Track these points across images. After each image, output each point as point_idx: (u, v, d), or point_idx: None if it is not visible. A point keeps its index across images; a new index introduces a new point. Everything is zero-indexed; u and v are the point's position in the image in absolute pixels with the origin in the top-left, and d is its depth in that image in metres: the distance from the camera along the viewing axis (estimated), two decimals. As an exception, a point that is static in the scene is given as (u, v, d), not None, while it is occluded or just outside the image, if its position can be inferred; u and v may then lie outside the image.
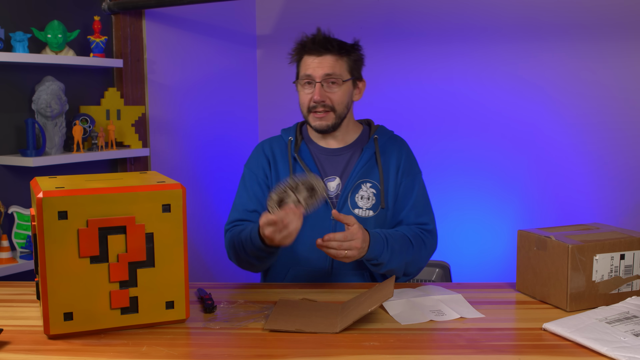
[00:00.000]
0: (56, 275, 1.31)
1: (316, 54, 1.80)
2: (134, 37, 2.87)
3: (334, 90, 1.81)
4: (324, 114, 1.81)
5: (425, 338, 1.34)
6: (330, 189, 1.85)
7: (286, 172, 1.86)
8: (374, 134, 1.90)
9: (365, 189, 1.83)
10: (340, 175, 1.86)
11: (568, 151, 3.05)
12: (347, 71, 1.83)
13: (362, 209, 1.82)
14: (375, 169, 1.85)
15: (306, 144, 1.91)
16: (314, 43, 1.80)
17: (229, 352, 1.27)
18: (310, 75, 1.80)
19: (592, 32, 2.94)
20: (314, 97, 1.79)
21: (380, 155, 1.87)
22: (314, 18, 3.44)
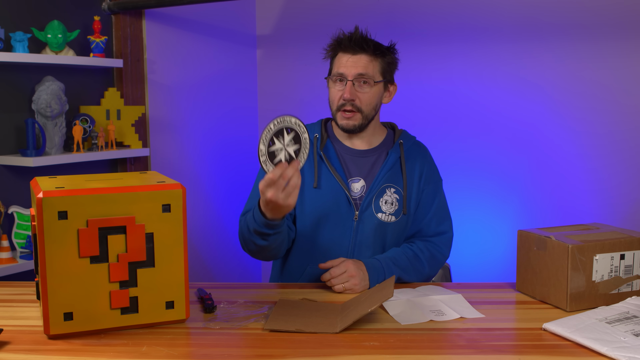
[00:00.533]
0: (56, 275, 1.31)
1: (351, 52, 1.80)
2: (134, 37, 2.87)
3: (365, 90, 1.80)
4: (351, 114, 1.81)
5: (425, 338, 1.34)
6: (354, 190, 1.84)
7: (311, 169, 1.86)
8: (399, 139, 1.90)
9: (390, 194, 1.83)
10: (365, 177, 1.85)
11: (568, 151, 3.05)
12: (380, 73, 1.82)
13: (385, 213, 1.82)
14: (400, 175, 1.85)
15: (332, 142, 1.90)
16: (350, 41, 1.80)
17: (229, 352, 1.27)
18: (343, 74, 1.80)
19: (592, 32, 2.94)
20: (344, 94, 1.79)
21: (405, 161, 1.87)
22: (314, 18, 3.45)
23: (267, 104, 3.66)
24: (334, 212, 1.82)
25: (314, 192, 1.83)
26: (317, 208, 1.83)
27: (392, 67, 1.87)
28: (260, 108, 3.68)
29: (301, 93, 3.54)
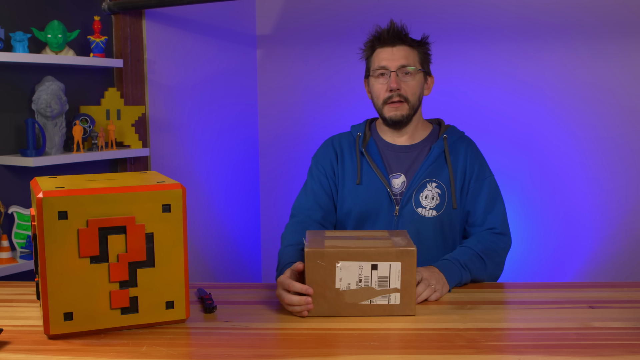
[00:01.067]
0: (56, 275, 1.31)
1: (390, 44, 1.83)
2: (134, 37, 2.87)
3: (408, 80, 1.83)
4: (398, 104, 1.83)
5: (425, 338, 1.34)
6: (394, 185, 1.85)
7: (353, 166, 1.88)
8: (444, 134, 1.90)
9: (431, 189, 1.83)
10: (406, 173, 1.86)
11: (568, 151, 3.05)
12: (419, 62, 1.86)
13: (425, 208, 1.82)
14: (444, 169, 1.85)
15: (374, 139, 1.92)
16: (388, 34, 1.82)
17: (229, 352, 1.27)
18: (385, 67, 1.82)
19: (592, 32, 2.94)
20: (391, 85, 1.81)
21: (449, 154, 1.87)
22: (314, 18, 3.45)
23: (267, 104, 3.66)
24: (375, 208, 1.84)
25: (356, 189, 1.86)
26: (358, 204, 1.85)
27: (427, 58, 1.90)
28: (260, 108, 3.68)
29: (301, 93, 3.54)
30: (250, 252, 3.71)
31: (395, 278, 1.45)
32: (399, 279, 1.45)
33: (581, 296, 1.62)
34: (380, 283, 1.46)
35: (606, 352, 1.25)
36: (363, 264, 1.45)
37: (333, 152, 1.94)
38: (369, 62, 1.89)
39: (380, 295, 1.46)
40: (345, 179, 1.89)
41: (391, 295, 1.46)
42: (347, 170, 1.90)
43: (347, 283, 1.46)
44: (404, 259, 1.44)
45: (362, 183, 1.86)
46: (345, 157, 1.92)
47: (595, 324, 1.41)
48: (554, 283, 1.76)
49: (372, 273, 1.45)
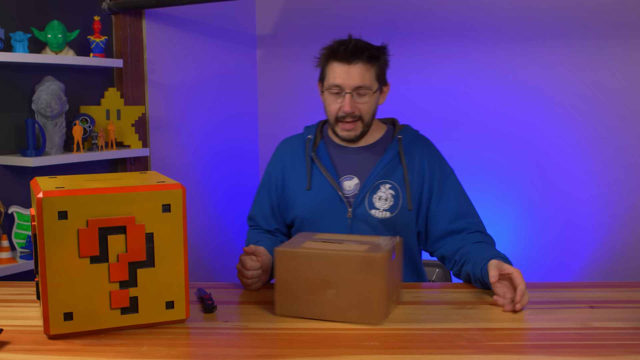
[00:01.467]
0: (56, 275, 1.31)
1: (346, 62, 1.75)
2: (134, 37, 2.87)
3: (364, 100, 1.78)
4: (352, 125, 1.80)
5: (425, 338, 1.34)
6: (346, 188, 1.83)
7: (303, 171, 1.87)
8: (398, 134, 1.89)
9: (384, 190, 1.82)
10: (359, 175, 1.84)
11: (568, 151, 3.05)
12: (376, 80, 1.79)
13: (379, 210, 1.81)
14: (398, 170, 1.83)
15: (325, 142, 1.90)
16: (345, 51, 1.75)
17: (229, 352, 1.27)
18: (340, 86, 1.76)
19: (592, 32, 2.94)
20: (344, 108, 1.76)
21: (404, 155, 1.85)
22: (314, 18, 3.45)
23: (267, 104, 3.66)
24: (326, 212, 1.82)
25: (306, 194, 1.85)
26: (309, 209, 1.84)
27: (385, 68, 1.84)
28: (260, 108, 3.68)
29: (301, 93, 3.53)
30: (250, 252, 3.70)
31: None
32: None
33: (581, 296, 1.62)
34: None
35: (606, 352, 1.25)
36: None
37: (282, 159, 1.93)
38: (324, 72, 1.81)
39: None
40: (297, 184, 1.87)
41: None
42: (298, 175, 1.88)
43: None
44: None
45: (312, 188, 1.84)
46: (296, 162, 1.90)
47: (595, 324, 1.41)
48: (554, 283, 1.76)
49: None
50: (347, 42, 1.77)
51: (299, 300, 1.44)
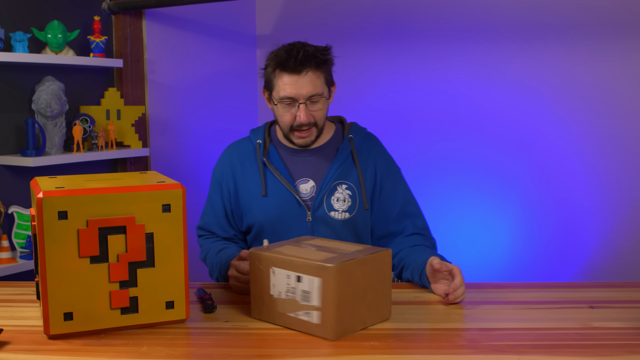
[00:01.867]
0: (56, 275, 1.31)
1: (296, 72, 1.71)
2: (134, 37, 2.87)
3: (318, 107, 1.76)
4: (308, 132, 1.78)
5: (425, 338, 1.34)
6: (303, 191, 1.81)
7: (256, 177, 1.83)
8: (349, 134, 1.86)
9: (341, 191, 1.80)
10: (314, 177, 1.82)
11: (568, 151, 3.05)
12: (325, 84, 1.77)
13: (337, 211, 1.80)
14: (352, 170, 1.82)
15: (275, 146, 1.87)
16: (295, 62, 1.70)
17: (229, 352, 1.27)
18: (293, 97, 1.73)
19: (592, 32, 2.94)
20: (301, 119, 1.73)
21: (357, 155, 1.84)
22: (314, 18, 3.45)
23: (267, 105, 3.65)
24: (285, 217, 1.79)
25: (262, 201, 1.81)
26: (267, 216, 1.81)
27: (331, 69, 1.81)
28: (260, 108, 3.68)
29: (301, 93, 3.53)
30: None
31: (316, 294, 1.32)
32: (318, 296, 1.32)
33: (581, 296, 1.62)
34: (303, 297, 1.34)
35: (606, 352, 1.25)
36: (290, 273, 1.36)
37: (231, 165, 1.88)
38: (272, 83, 1.77)
39: (303, 311, 1.35)
40: (250, 191, 1.83)
41: (312, 312, 1.33)
42: (251, 182, 1.83)
43: (279, 291, 1.38)
44: (323, 275, 1.30)
45: (267, 194, 1.81)
46: (246, 168, 1.85)
47: (595, 324, 1.41)
48: (554, 283, 1.76)
49: (297, 285, 1.35)
50: (295, 53, 1.72)
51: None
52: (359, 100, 3.37)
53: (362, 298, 1.36)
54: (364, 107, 3.36)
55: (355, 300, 1.35)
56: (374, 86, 3.35)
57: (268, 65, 1.79)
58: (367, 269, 1.37)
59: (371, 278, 1.38)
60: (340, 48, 3.45)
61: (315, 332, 1.34)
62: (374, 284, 1.39)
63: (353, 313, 1.35)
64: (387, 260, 1.42)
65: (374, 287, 1.39)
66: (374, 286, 1.39)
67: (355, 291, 1.35)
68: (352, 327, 1.36)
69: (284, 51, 1.75)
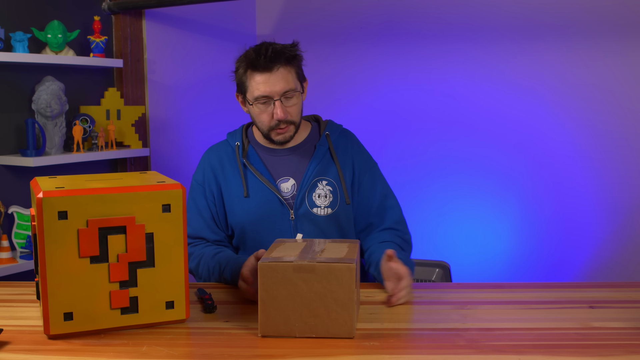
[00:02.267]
0: (56, 275, 1.31)
1: (267, 70, 1.73)
2: (134, 37, 2.87)
3: (292, 103, 1.77)
4: (285, 129, 1.79)
5: (425, 338, 1.34)
6: (284, 190, 1.82)
7: (237, 179, 1.83)
8: (325, 131, 1.88)
9: (322, 187, 1.82)
10: (294, 175, 1.83)
11: (567, 151, 3.05)
12: (297, 79, 1.78)
13: (320, 207, 1.81)
14: (331, 166, 1.84)
15: (253, 147, 1.87)
16: (265, 60, 1.72)
17: (229, 352, 1.27)
18: (267, 95, 1.74)
19: (592, 32, 2.94)
20: (278, 116, 1.74)
21: (334, 151, 1.85)
22: (314, 18, 3.45)
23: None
24: (268, 217, 1.80)
25: (244, 202, 1.81)
26: (250, 217, 1.81)
27: (301, 65, 1.82)
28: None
29: (301, 93, 3.53)
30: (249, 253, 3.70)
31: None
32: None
33: (581, 296, 1.62)
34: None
35: (606, 352, 1.25)
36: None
37: (212, 168, 1.87)
38: (244, 85, 1.79)
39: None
40: (232, 193, 1.83)
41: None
42: (232, 184, 1.83)
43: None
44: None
45: (249, 195, 1.81)
46: (226, 170, 1.85)
47: (595, 324, 1.41)
48: (554, 283, 1.76)
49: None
50: (264, 51, 1.74)
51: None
52: (359, 100, 3.37)
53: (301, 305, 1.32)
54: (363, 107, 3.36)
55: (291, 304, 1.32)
56: (373, 86, 3.35)
57: (239, 67, 1.81)
58: (312, 276, 1.32)
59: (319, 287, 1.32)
60: (340, 48, 3.47)
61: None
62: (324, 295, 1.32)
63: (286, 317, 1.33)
64: (345, 275, 1.31)
65: (323, 298, 1.32)
66: (324, 297, 1.32)
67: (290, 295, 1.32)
68: (286, 331, 1.33)
69: (252, 51, 1.78)
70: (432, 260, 2.53)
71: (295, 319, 1.33)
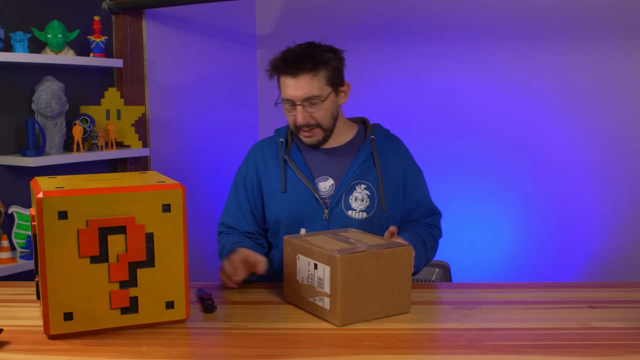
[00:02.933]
0: (56, 275, 1.31)
1: (291, 75, 1.75)
2: (134, 37, 2.87)
3: (317, 109, 1.78)
4: (311, 132, 1.81)
5: (425, 338, 1.34)
6: (322, 189, 1.83)
7: (277, 174, 1.86)
8: (371, 134, 1.89)
9: (360, 191, 1.82)
10: (334, 176, 1.84)
11: (567, 151, 3.05)
12: (326, 85, 1.78)
13: (355, 210, 1.81)
14: (372, 171, 1.84)
15: (297, 145, 1.89)
16: (288, 65, 1.75)
17: (229, 352, 1.27)
18: (291, 99, 1.77)
19: (592, 32, 2.94)
20: (297, 120, 1.78)
21: (377, 156, 1.85)
22: (314, 18, 3.45)
23: (267, 104, 3.65)
24: (303, 214, 1.82)
25: (282, 197, 1.84)
26: (286, 212, 1.83)
27: (338, 70, 1.82)
28: (260, 108, 3.68)
29: (301, 93, 3.53)
30: (250, 252, 3.70)
31: (327, 282, 1.42)
32: (329, 283, 1.41)
33: (581, 296, 1.62)
34: (318, 284, 1.44)
35: (606, 352, 1.25)
36: (310, 261, 1.46)
37: (255, 162, 1.91)
38: (278, 84, 1.83)
39: (319, 297, 1.44)
40: (272, 187, 1.86)
41: (325, 298, 1.43)
42: (272, 179, 1.87)
43: (302, 277, 1.49)
44: (332, 264, 1.39)
45: (287, 191, 1.83)
46: (269, 165, 1.89)
47: (595, 324, 1.41)
48: (554, 283, 1.76)
49: (315, 272, 1.45)
50: (290, 55, 1.77)
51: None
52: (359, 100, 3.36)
53: (374, 289, 1.43)
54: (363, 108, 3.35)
55: (366, 290, 1.42)
56: (373, 86, 3.35)
57: (271, 69, 1.83)
58: (381, 262, 1.44)
59: (386, 271, 1.44)
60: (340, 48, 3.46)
61: (327, 317, 1.42)
62: (390, 277, 1.45)
63: (363, 302, 1.42)
64: (405, 255, 1.47)
65: (389, 280, 1.45)
66: (390, 279, 1.45)
67: (365, 282, 1.42)
68: (363, 316, 1.43)
69: (281, 54, 1.80)
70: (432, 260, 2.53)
71: (368, 303, 1.42)
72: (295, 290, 1.52)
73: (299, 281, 1.50)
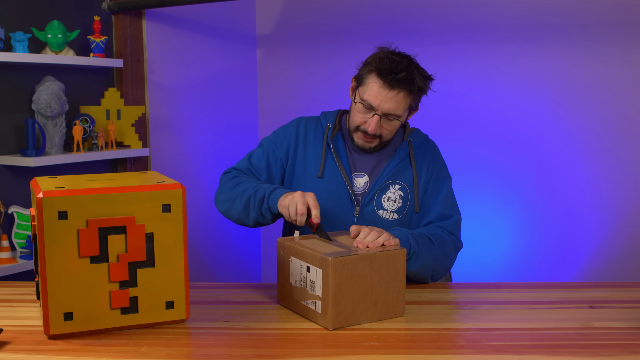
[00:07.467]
0: (56, 275, 1.31)
1: (389, 87, 1.70)
2: (134, 37, 2.87)
3: (390, 125, 1.77)
4: (372, 140, 1.79)
5: (425, 338, 1.34)
6: (357, 185, 1.83)
7: (316, 157, 1.84)
8: (408, 137, 1.89)
9: (394, 191, 1.82)
10: (370, 173, 1.84)
11: (568, 151, 3.05)
12: (408, 108, 1.77)
13: (386, 210, 1.81)
14: (407, 172, 1.84)
15: (342, 135, 1.88)
16: (393, 79, 1.69)
17: (229, 352, 1.27)
18: (373, 106, 1.73)
19: (592, 32, 2.94)
20: (369, 128, 1.75)
21: (414, 158, 1.85)
22: (314, 18, 3.45)
23: (267, 104, 3.66)
24: (335, 207, 1.81)
25: (317, 182, 1.83)
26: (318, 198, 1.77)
27: (420, 97, 1.80)
28: (260, 108, 3.68)
29: (301, 93, 3.53)
30: (250, 252, 3.71)
31: (319, 285, 1.40)
32: (320, 286, 1.40)
33: (581, 296, 1.62)
34: (311, 287, 1.43)
35: (606, 352, 1.26)
36: (302, 263, 1.45)
37: (297, 136, 1.88)
38: (363, 80, 1.76)
39: (311, 300, 1.43)
40: (308, 169, 1.84)
41: (317, 301, 1.42)
42: (310, 160, 1.85)
43: (295, 279, 1.48)
44: (323, 267, 1.38)
45: (324, 177, 1.83)
46: (309, 144, 1.87)
47: (595, 324, 1.41)
48: (554, 283, 1.76)
49: (307, 275, 1.44)
50: (399, 69, 1.70)
51: None
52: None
53: (366, 293, 1.42)
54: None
55: (358, 294, 1.40)
56: (374, 86, 3.35)
57: (370, 63, 1.77)
58: (374, 265, 1.42)
59: (379, 274, 1.43)
60: (340, 48, 3.47)
61: (319, 320, 1.41)
62: (383, 281, 1.44)
63: (355, 306, 1.40)
64: (399, 258, 1.45)
65: (383, 284, 1.44)
66: (383, 283, 1.44)
67: (357, 285, 1.40)
68: (355, 320, 1.41)
69: (389, 62, 1.73)
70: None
71: (361, 307, 1.41)
72: (288, 293, 1.51)
73: (291, 284, 1.49)
